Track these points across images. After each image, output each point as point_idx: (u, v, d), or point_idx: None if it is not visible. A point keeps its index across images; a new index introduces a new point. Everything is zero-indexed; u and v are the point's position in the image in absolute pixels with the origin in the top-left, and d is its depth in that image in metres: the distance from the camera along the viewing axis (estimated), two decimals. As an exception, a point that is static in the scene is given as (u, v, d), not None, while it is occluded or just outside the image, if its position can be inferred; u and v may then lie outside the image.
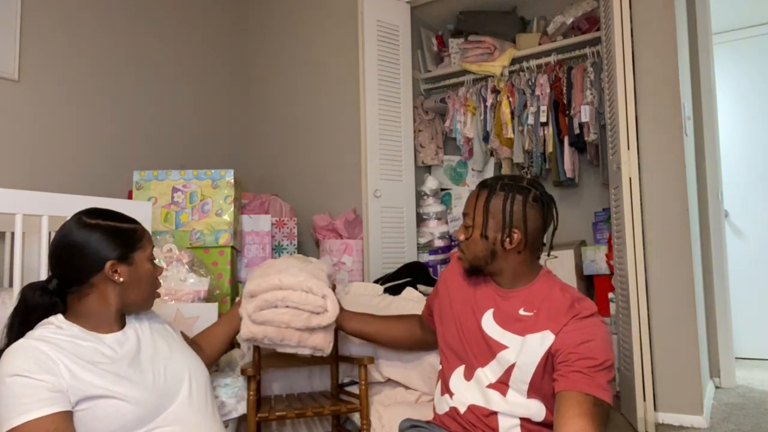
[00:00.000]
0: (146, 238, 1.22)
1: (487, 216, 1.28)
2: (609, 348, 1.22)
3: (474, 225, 1.31)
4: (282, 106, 3.52)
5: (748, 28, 3.77)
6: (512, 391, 1.26)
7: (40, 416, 0.99)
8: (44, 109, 2.57)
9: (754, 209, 3.68)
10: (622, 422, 2.25)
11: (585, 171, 3.22)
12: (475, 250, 1.31)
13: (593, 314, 1.25)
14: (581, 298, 1.30)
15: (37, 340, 1.08)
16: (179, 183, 2.37)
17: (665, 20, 2.28)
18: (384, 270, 2.85)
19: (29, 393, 1.00)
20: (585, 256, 2.77)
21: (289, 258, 1.74)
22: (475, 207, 1.30)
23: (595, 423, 1.11)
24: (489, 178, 1.36)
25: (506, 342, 1.28)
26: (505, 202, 1.27)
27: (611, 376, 1.20)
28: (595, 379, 1.16)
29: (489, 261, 1.30)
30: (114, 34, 2.91)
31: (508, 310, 1.31)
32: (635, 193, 2.22)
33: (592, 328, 1.22)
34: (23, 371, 1.01)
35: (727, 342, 2.85)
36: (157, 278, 1.24)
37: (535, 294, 1.30)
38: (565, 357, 1.19)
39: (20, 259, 1.64)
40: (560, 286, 1.33)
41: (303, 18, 3.46)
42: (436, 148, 3.49)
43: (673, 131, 2.26)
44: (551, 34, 3.11)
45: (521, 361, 1.24)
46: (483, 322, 1.32)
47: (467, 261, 1.34)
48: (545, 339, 1.23)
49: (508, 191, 1.29)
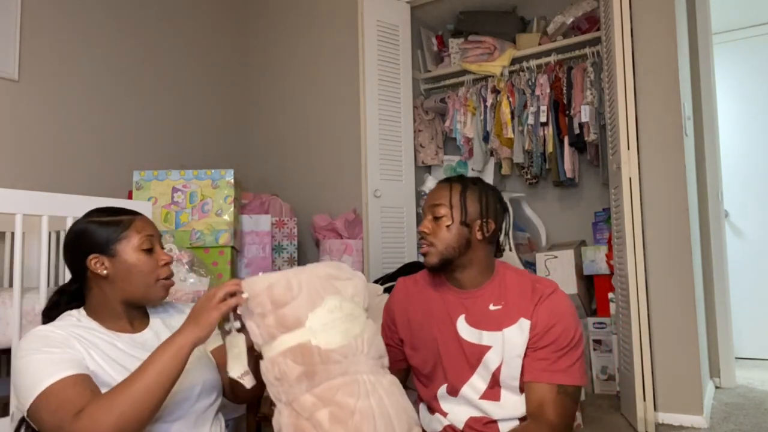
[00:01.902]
0: (133, 228, 1.17)
1: (466, 204, 1.30)
2: (574, 323, 1.24)
3: (450, 214, 1.29)
4: (282, 106, 3.52)
5: (748, 28, 3.77)
6: (505, 392, 1.26)
7: (63, 377, 0.98)
8: (44, 109, 2.57)
9: (754, 209, 3.68)
10: (622, 422, 2.25)
11: (585, 171, 3.22)
12: (450, 239, 1.28)
13: (555, 290, 1.28)
14: (538, 278, 1.32)
15: (54, 326, 1.10)
16: (179, 183, 2.37)
17: (665, 20, 2.28)
18: (384, 270, 2.85)
19: (49, 361, 1.00)
20: (585, 256, 2.77)
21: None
22: (451, 197, 1.30)
23: (557, 411, 1.16)
24: (451, 176, 1.38)
25: (487, 342, 1.27)
26: (481, 194, 1.32)
27: (578, 353, 1.23)
28: (557, 365, 1.19)
29: (462, 251, 1.29)
30: (114, 34, 2.91)
31: (479, 309, 1.30)
32: (635, 193, 2.22)
33: (557, 304, 1.25)
34: (40, 349, 1.02)
35: (727, 342, 2.86)
36: (156, 267, 1.17)
37: (498, 286, 1.31)
38: (533, 343, 1.23)
39: (20, 259, 1.63)
40: (516, 271, 1.35)
41: (303, 18, 3.46)
42: (436, 148, 3.49)
43: (673, 131, 2.26)
44: (551, 34, 3.11)
45: (507, 357, 1.24)
46: (459, 330, 1.30)
47: (438, 253, 1.29)
48: (523, 328, 1.24)
49: (480, 185, 1.34)
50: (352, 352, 1.03)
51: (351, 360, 1.03)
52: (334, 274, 1.10)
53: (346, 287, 1.10)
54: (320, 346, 1.00)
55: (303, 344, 1.00)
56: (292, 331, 1.01)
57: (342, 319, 1.05)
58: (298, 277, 1.05)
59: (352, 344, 1.04)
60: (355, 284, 1.12)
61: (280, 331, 1.01)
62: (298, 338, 1.01)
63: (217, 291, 1.03)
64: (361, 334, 1.06)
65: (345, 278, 1.11)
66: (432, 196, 1.34)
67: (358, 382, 1.01)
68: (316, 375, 1.00)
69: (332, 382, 1.00)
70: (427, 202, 1.34)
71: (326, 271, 1.10)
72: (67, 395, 0.97)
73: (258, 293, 1.02)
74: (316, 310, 1.03)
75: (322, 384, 1.00)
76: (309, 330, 1.01)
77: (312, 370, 1.00)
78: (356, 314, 1.08)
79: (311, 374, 1.00)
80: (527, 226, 3.35)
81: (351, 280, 1.12)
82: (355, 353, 1.04)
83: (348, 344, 1.03)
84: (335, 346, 1.02)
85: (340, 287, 1.09)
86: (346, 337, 1.03)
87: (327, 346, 1.01)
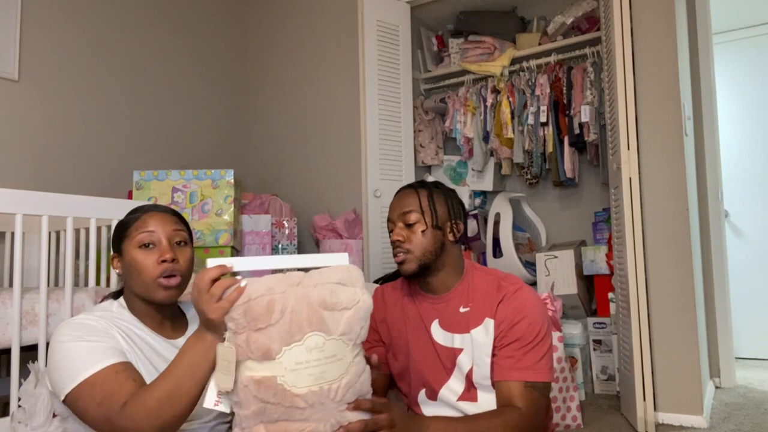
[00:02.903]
0: (135, 227, 1.14)
1: (435, 209, 1.31)
2: (539, 318, 1.25)
3: (423, 220, 1.30)
4: (282, 106, 3.52)
5: (748, 28, 3.77)
6: (481, 392, 1.27)
7: (107, 365, 0.98)
8: (44, 109, 2.57)
9: (754, 209, 3.68)
10: (622, 422, 2.25)
11: (585, 171, 3.22)
12: (426, 244, 1.29)
13: (520, 288, 1.28)
14: (505, 275, 1.33)
15: (96, 316, 1.10)
16: (179, 183, 2.37)
17: (665, 20, 2.28)
18: (384, 270, 2.85)
19: (92, 349, 1.00)
20: (585, 256, 2.77)
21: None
22: (420, 203, 1.31)
23: (525, 402, 1.18)
24: (412, 183, 1.39)
25: (458, 344, 1.28)
26: (446, 198, 1.34)
27: (545, 349, 1.23)
28: (523, 361, 1.21)
29: (438, 254, 1.30)
30: (114, 35, 2.91)
31: (450, 313, 1.31)
32: (635, 193, 2.22)
33: (521, 301, 1.25)
34: (83, 337, 1.03)
35: (727, 342, 2.86)
36: (154, 265, 1.11)
37: (468, 287, 1.32)
38: (499, 341, 1.24)
39: (20, 259, 1.63)
40: (484, 271, 1.36)
41: (303, 18, 3.46)
42: (436, 148, 3.49)
43: (673, 131, 2.26)
44: (551, 34, 3.11)
45: (476, 357, 1.25)
46: (433, 334, 1.32)
47: (416, 259, 1.28)
48: (488, 328, 1.25)
49: (443, 188, 1.37)
50: (320, 400, 0.92)
51: (317, 408, 0.92)
52: (329, 302, 0.94)
53: (337, 322, 0.94)
54: (285, 387, 0.89)
55: (269, 378, 0.89)
56: (261, 362, 0.90)
57: (320, 360, 0.92)
58: (285, 298, 0.91)
59: (323, 390, 0.92)
60: (350, 317, 0.95)
61: (248, 357, 0.90)
62: (266, 371, 0.90)
63: (216, 290, 0.91)
64: (338, 379, 0.93)
65: (341, 307, 0.95)
66: (399, 204, 1.33)
67: (313, 431, 0.92)
68: (275, 413, 0.90)
69: (290, 425, 0.91)
70: (394, 211, 1.33)
71: (323, 296, 0.94)
72: (112, 385, 0.97)
73: (236, 306, 0.89)
74: (293, 345, 0.90)
75: (279, 423, 0.91)
76: (279, 365, 0.89)
77: (272, 408, 0.90)
78: (340, 356, 0.94)
79: (271, 411, 0.90)
80: (527, 226, 3.35)
81: (350, 309, 0.96)
82: (324, 401, 0.92)
83: (318, 390, 0.91)
84: (303, 391, 0.90)
85: (330, 322, 0.93)
86: (318, 381, 0.91)
87: (294, 389, 0.90)
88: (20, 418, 1.37)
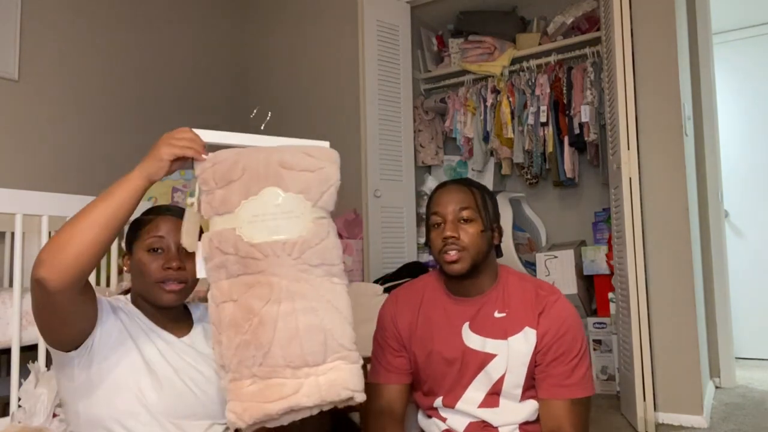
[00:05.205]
0: (146, 230, 1.14)
1: (489, 209, 1.27)
2: (581, 330, 1.24)
3: (479, 219, 1.24)
4: (282, 105, 3.52)
5: (748, 28, 3.77)
6: (504, 400, 1.24)
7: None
8: (44, 109, 2.57)
9: (754, 209, 3.67)
10: (622, 422, 2.25)
11: (585, 171, 3.22)
12: (481, 244, 1.23)
13: (559, 298, 1.26)
14: (540, 283, 1.31)
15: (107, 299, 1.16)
16: (179, 183, 2.37)
17: (665, 20, 2.28)
18: (384, 270, 2.85)
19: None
20: (585, 256, 2.77)
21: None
22: (476, 201, 1.26)
23: (573, 424, 1.17)
24: (460, 179, 1.34)
25: (491, 350, 1.23)
26: (492, 200, 1.31)
27: (587, 362, 1.22)
28: (571, 378, 1.19)
29: (486, 256, 1.27)
30: (114, 34, 2.91)
31: (484, 316, 1.26)
32: (635, 193, 2.22)
33: (565, 314, 1.23)
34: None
35: (727, 342, 2.85)
36: (159, 270, 1.11)
37: (502, 292, 1.28)
38: (542, 356, 1.21)
39: (20, 259, 1.64)
40: (519, 276, 1.32)
41: (303, 18, 3.46)
42: (436, 148, 3.49)
43: (673, 131, 2.26)
44: (551, 34, 3.11)
45: (512, 365, 1.22)
46: (464, 338, 1.26)
47: (470, 258, 1.22)
48: (529, 337, 1.22)
49: (487, 191, 1.32)
50: (276, 252, 0.93)
51: (273, 261, 0.93)
52: (289, 162, 0.98)
53: (296, 180, 0.97)
54: (243, 239, 0.93)
55: (228, 230, 0.94)
56: (222, 215, 0.95)
57: (276, 215, 0.95)
58: (247, 159, 0.97)
59: (277, 245, 0.94)
60: (309, 177, 0.98)
61: (215, 212, 0.96)
62: (226, 223, 0.95)
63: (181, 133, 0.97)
64: (293, 236, 0.95)
65: (301, 168, 0.98)
66: (452, 199, 1.25)
67: (271, 285, 0.93)
68: (234, 266, 0.93)
69: (246, 277, 0.93)
70: (447, 206, 1.25)
71: (283, 156, 0.98)
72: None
73: (204, 169, 0.97)
74: (250, 198, 0.95)
75: (240, 277, 0.94)
76: (237, 217, 0.95)
77: (232, 260, 0.93)
78: (298, 213, 0.96)
79: (231, 264, 0.93)
80: (527, 226, 3.35)
81: (312, 172, 0.99)
82: (279, 255, 0.94)
83: (272, 243, 0.94)
84: (257, 242, 0.93)
85: (287, 179, 0.97)
86: (271, 234, 0.94)
87: (249, 239, 0.93)
88: (20, 418, 1.37)
